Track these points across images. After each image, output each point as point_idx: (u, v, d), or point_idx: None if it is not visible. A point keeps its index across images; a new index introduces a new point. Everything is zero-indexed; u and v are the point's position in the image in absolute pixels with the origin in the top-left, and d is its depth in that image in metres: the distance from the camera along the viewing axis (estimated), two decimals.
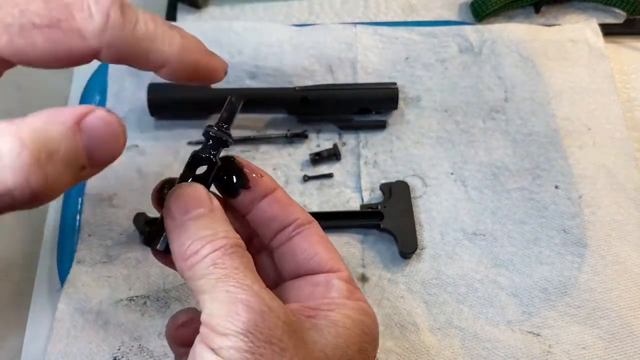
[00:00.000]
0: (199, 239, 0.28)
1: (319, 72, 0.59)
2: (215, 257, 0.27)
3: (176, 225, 0.28)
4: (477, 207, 0.52)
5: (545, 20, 0.64)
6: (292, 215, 0.34)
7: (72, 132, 0.23)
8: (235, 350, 0.25)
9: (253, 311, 0.26)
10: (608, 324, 0.47)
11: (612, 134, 0.56)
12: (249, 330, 0.26)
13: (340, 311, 0.30)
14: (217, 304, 0.26)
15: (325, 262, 0.33)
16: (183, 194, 0.29)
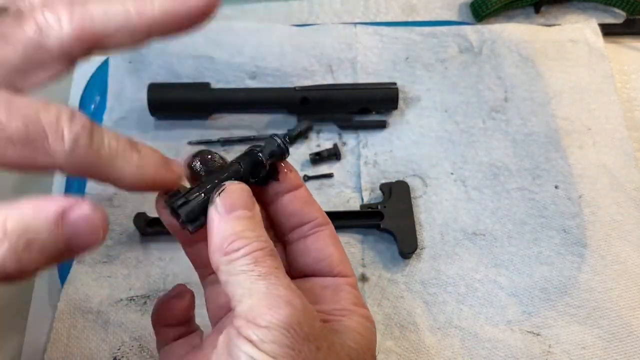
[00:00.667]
0: (243, 237, 0.29)
1: (319, 72, 0.59)
2: (258, 255, 0.28)
3: (221, 218, 0.29)
4: (477, 207, 0.53)
5: (545, 21, 0.64)
6: (311, 214, 0.34)
7: (55, 225, 0.24)
8: (276, 345, 0.26)
9: (294, 308, 0.27)
10: (608, 323, 0.47)
11: (612, 134, 0.56)
12: (292, 325, 0.26)
13: (352, 318, 0.31)
14: (258, 299, 0.27)
15: (336, 265, 0.34)
16: (232, 191, 0.30)
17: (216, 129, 0.57)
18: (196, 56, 0.59)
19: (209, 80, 0.58)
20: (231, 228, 0.29)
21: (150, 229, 0.50)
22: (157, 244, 0.51)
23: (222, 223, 0.29)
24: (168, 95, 0.56)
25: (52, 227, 0.24)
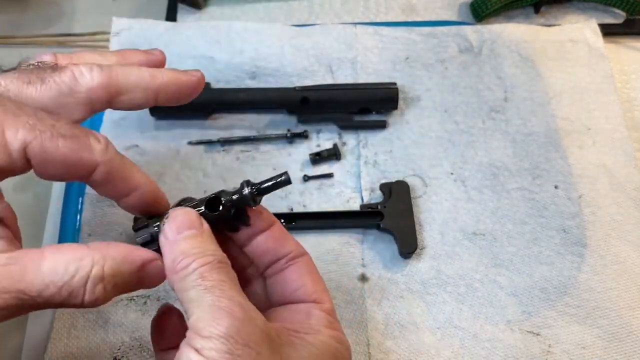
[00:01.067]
0: (190, 255, 0.31)
1: (319, 72, 0.59)
2: (203, 270, 0.31)
3: (169, 243, 0.32)
4: (476, 207, 0.53)
5: (545, 21, 0.64)
6: (286, 249, 0.37)
7: (137, 272, 0.32)
8: (215, 352, 0.28)
9: (234, 318, 0.29)
10: (607, 323, 0.47)
11: (611, 134, 0.56)
12: (230, 334, 0.28)
13: (316, 336, 0.34)
14: (203, 311, 0.29)
15: (310, 293, 0.36)
16: (177, 216, 0.33)
17: (216, 129, 0.57)
18: (196, 56, 0.60)
19: (209, 80, 0.58)
20: (178, 249, 0.32)
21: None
22: None
23: (170, 246, 0.32)
24: None
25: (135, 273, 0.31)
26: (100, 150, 0.32)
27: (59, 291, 0.29)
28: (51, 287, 0.29)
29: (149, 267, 0.32)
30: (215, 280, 0.31)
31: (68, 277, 0.29)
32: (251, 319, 0.30)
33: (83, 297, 0.29)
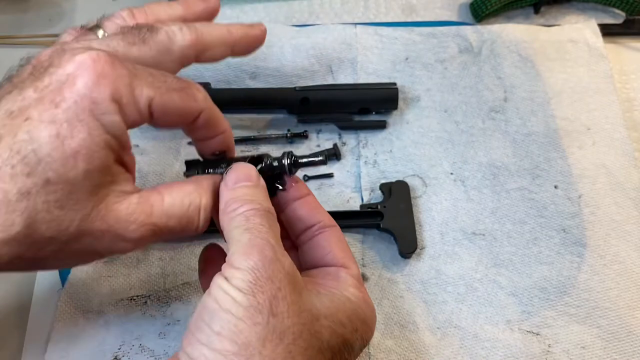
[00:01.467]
0: (239, 200, 0.36)
1: (319, 72, 0.59)
2: (249, 214, 0.35)
3: (227, 189, 0.37)
4: (476, 207, 0.53)
5: (545, 21, 0.64)
6: (317, 217, 0.40)
7: None
8: (242, 281, 0.32)
9: (263, 255, 0.32)
10: (607, 323, 0.47)
11: (611, 134, 0.56)
12: (257, 267, 0.32)
13: (342, 292, 0.36)
14: (238, 247, 0.33)
15: (339, 258, 0.39)
16: (238, 168, 0.37)
17: None
18: None
19: (209, 80, 0.58)
20: (233, 194, 0.36)
21: None
22: (157, 243, 0.51)
23: (227, 191, 0.36)
24: None
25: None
26: (202, 99, 0.36)
27: (180, 221, 0.35)
28: (173, 218, 0.34)
29: None
30: (256, 223, 0.34)
31: (185, 208, 0.35)
32: (279, 260, 0.33)
33: (197, 224, 0.36)
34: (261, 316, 0.31)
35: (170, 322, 0.47)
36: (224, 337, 0.31)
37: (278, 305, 0.32)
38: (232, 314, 0.31)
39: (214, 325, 0.31)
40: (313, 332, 0.33)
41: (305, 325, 0.32)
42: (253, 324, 0.31)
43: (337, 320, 0.35)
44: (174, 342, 0.46)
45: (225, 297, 0.31)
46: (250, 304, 0.31)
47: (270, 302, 0.31)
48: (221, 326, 0.31)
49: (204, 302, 0.32)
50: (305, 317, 0.33)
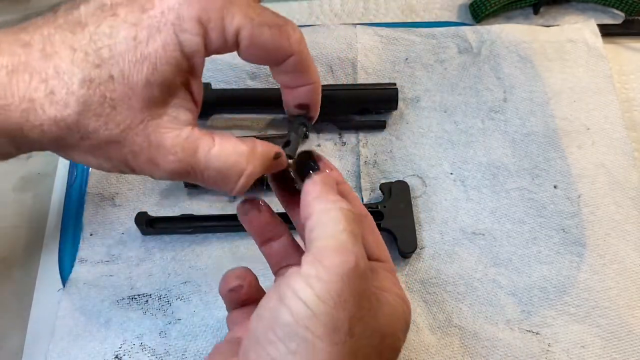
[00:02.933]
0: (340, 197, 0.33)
1: (319, 72, 0.59)
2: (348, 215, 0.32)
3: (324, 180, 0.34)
4: (476, 206, 0.53)
5: (544, 21, 0.64)
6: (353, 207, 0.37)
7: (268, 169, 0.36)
8: (325, 284, 0.29)
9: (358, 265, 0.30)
10: (607, 322, 0.47)
11: (610, 134, 0.56)
12: (349, 278, 0.29)
13: (391, 294, 0.35)
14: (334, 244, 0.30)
15: (374, 250, 0.38)
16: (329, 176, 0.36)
17: (216, 129, 0.57)
18: None
19: (209, 80, 0.58)
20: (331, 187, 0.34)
21: (151, 228, 0.50)
22: (158, 243, 0.51)
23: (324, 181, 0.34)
24: None
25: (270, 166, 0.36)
26: (296, 41, 0.35)
27: (217, 175, 0.34)
28: (211, 170, 0.33)
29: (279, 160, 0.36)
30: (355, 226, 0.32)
31: (227, 167, 0.34)
32: (367, 275, 0.31)
33: (232, 187, 0.34)
34: (338, 336, 0.29)
35: (172, 321, 0.47)
36: (300, 356, 0.28)
37: (356, 326, 0.29)
38: (311, 332, 0.28)
39: (290, 343, 0.28)
40: (378, 352, 0.32)
41: (374, 348, 0.31)
42: (331, 344, 0.28)
43: (396, 336, 0.34)
44: (175, 341, 0.46)
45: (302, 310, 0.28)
46: (329, 319, 0.28)
47: (350, 321, 0.29)
48: (298, 345, 0.28)
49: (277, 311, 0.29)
50: (375, 338, 0.31)
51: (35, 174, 0.56)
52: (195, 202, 0.53)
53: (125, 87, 0.31)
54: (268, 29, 0.33)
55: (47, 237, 0.53)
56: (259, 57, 0.35)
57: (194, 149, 0.33)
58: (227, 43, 0.33)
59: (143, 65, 0.31)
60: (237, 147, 0.34)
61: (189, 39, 0.32)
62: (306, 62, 0.36)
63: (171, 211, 0.53)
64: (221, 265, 0.50)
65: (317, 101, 0.39)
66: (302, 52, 0.35)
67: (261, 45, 0.34)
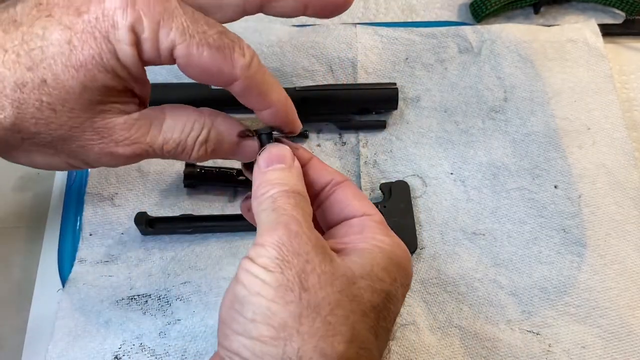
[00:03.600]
0: (269, 184, 0.34)
1: (319, 72, 0.59)
2: (277, 196, 0.33)
3: (259, 172, 0.35)
4: (476, 206, 0.53)
5: (545, 21, 0.64)
6: (327, 177, 0.38)
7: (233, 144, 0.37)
8: (267, 258, 0.30)
9: (289, 230, 0.31)
10: (607, 323, 0.47)
11: (611, 134, 0.56)
12: (282, 242, 0.31)
13: (367, 241, 0.34)
14: (265, 226, 0.32)
15: (359, 208, 0.37)
16: (271, 150, 0.36)
17: None
18: None
19: None
20: (264, 178, 0.35)
21: (151, 228, 0.50)
22: (158, 243, 0.51)
23: (258, 176, 0.35)
24: (168, 95, 0.55)
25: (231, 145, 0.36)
26: (242, 66, 0.33)
27: (176, 147, 0.34)
28: (170, 143, 0.34)
29: (243, 143, 0.37)
30: (282, 202, 0.33)
31: (184, 136, 0.34)
32: (304, 233, 0.31)
33: (190, 154, 0.35)
34: (292, 293, 0.30)
35: (171, 322, 0.47)
36: (258, 322, 0.29)
37: (308, 279, 0.30)
38: (263, 296, 0.29)
39: (247, 312, 0.30)
40: (352, 297, 0.31)
41: (341, 293, 0.31)
42: (285, 303, 0.29)
43: (374, 276, 0.33)
44: (175, 341, 0.46)
45: (253, 281, 0.30)
46: (279, 282, 0.30)
47: (299, 276, 0.30)
48: (254, 312, 0.29)
49: (234, 289, 0.31)
50: (339, 284, 0.31)
51: (34, 174, 0.56)
52: (195, 202, 0.53)
53: (62, 92, 0.31)
54: (208, 49, 0.32)
55: (47, 237, 0.53)
56: (200, 79, 0.34)
57: (147, 126, 0.33)
58: (161, 57, 0.32)
59: (78, 71, 0.30)
60: (189, 115, 0.34)
61: (123, 49, 0.31)
62: (258, 86, 0.34)
63: (171, 211, 0.52)
64: (221, 266, 0.50)
65: (286, 121, 0.37)
66: (251, 77, 0.33)
67: (198, 66, 0.32)
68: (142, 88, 0.34)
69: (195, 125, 0.35)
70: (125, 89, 0.33)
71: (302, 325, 0.29)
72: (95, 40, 0.30)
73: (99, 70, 0.31)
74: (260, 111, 0.36)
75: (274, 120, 0.36)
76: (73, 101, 0.31)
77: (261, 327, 0.29)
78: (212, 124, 0.35)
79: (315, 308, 0.30)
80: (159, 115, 0.34)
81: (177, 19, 0.31)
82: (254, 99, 0.35)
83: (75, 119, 0.31)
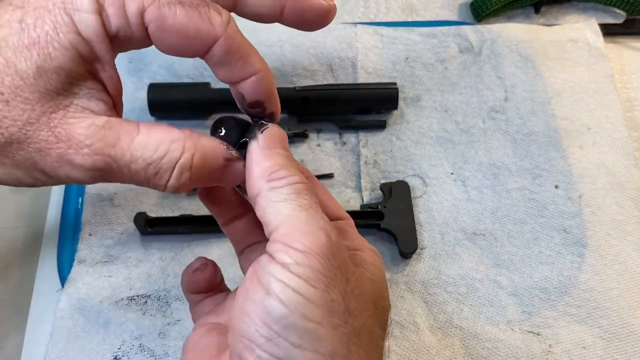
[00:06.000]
0: (286, 169, 0.30)
1: (319, 72, 0.59)
2: (300, 188, 0.29)
3: (264, 151, 0.30)
4: (477, 207, 0.53)
5: (545, 20, 0.64)
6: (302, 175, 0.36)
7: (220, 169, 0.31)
8: (309, 269, 0.26)
9: (331, 239, 0.28)
10: (608, 323, 0.47)
11: (612, 134, 0.56)
12: (327, 254, 0.27)
13: (366, 252, 0.33)
14: (297, 225, 0.27)
15: (334, 211, 0.35)
16: (275, 132, 0.31)
17: None
18: None
19: (209, 80, 0.58)
20: (275, 160, 0.30)
21: (150, 228, 0.50)
22: (157, 243, 0.51)
23: (265, 154, 0.30)
24: (168, 95, 0.56)
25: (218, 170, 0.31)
26: (220, 23, 0.29)
27: (146, 168, 0.28)
28: (140, 162, 0.28)
29: (231, 166, 0.31)
30: (310, 201, 0.29)
31: (157, 156, 0.28)
32: (343, 245, 0.28)
33: (167, 181, 0.29)
34: (338, 317, 0.26)
35: (171, 322, 0.47)
36: (306, 349, 0.26)
37: (350, 301, 0.27)
38: (310, 320, 0.26)
39: (290, 336, 0.26)
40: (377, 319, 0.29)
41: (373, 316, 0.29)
42: (333, 328, 0.26)
43: (383, 296, 0.31)
44: (174, 341, 0.46)
45: (294, 297, 0.26)
46: (324, 302, 0.26)
47: (344, 297, 0.27)
48: (300, 337, 0.26)
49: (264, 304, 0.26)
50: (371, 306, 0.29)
51: None
52: (194, 202, 0.53)
53: (14, 77, 0.27)
54: (182, 8, 0.28)
55: (46, 238, 0.53)
56: (176, 46, 0.29)
57: (114, 138, 0.28)
58: (130, 25, 0.28)
59: (31, 51, 0.27)
60: (168, 134, 0.29)
61: (85, 19, 0.27)
62: (240, 49, 0.30)
63: (170, 212, 0.52)
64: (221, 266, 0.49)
65: (270, 94, 0.32)
66: (232, 36, 0.29)
67: (173, 29, 0.28)
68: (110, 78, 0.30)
69: (173, 145, 0.29)
70: (89, 74, 0.29)
71: (351, 354, 0.26)
72: (50, 13, 0.27)
73: (54, 47, 0.27)
74: (244, 80, 0.31)
75: (259, 92, 0.31)
76: (27, 88, 0.27)
77: (309, 355, 0.26)
78: (196, 147, 0.30)
79: (358, 335, 0.27)
80: (130, 129, 0.29)
81: None
82: (237, 65, 0.30)
83: (30, 112, 0.27)
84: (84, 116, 0.28)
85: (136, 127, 0.29)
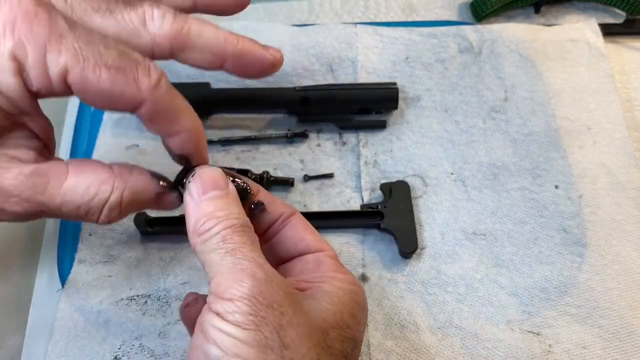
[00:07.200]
0: (213, 217, 0.31)
1: (319, 71, 0.59)
2: (226, 234, 0.30)
3: (194, 202, 0.32)
4: (477, 207, 0.53)
5: (545, 20, 0.64)
6: (278, 210, 0.37)
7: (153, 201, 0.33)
8: (239, 314, 0.28)
9: (257, 279, 0.29)
10: (608, 323, 0.47)
11: (612, 134, 0.56)
12: (253, 295, 0.28)
13: (331, 282, 0.33)
14: (224, 274, 0.29)
15: (312, 244, 0.36)
16: (204, 174, 0.33)
17: (216, 129, 0.57)
18: None
19: (209, 80, 0.58)
20: (202, 210, 0.31)
21: (150, 228, 0.50)
22: (157, 243, 0.51)
23: (195, 206, 0.32)
24: None
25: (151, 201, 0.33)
26: (147, 88, 0.29)
27: (77, 209, 0.30)
28: (70, 205, 0.30)
29: (164, 198, 0.34)
30: (236, 242, 0.30)
31: (87, 198, 0.30)
32: (272, 280, 0.29)
33: (98, 217, 0.31)
34: (273, 352, 0.27)
35: (171, 322, 0.47)
36: None
37: (286, 334, 0.28)
38: (243, 358, 0.27)
39: None
40: (327, 349, 0.30)
41: (318, 346, 0.29)
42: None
43: (344, 324, 0.31)
44: (174, 342, 0.46)
45: (228, 340, 0.27)
46: (257, 341, 0.27)
47: (278, 332, 0.28)
48: None
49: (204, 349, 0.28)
50: (315, 337, 0.29)
51: None
52: None
53: None
54: (106, 71, 0.28)
55: (46, 238, 0.53)
56: (100, 105, 0.30)
57: (43, 185, 0.29)
58: (52, 85, 0.28)
59: None
60: (97, 174, 0.30)
61: (5, 79, 0.27)
62: (167, 110, 0.31)
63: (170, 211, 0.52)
64: None
65: (197, 150, 0.33)
66: (158, 100, 0.30)
67: (97, 92, 0.28)
68: (39, 125, 0.30)
69: (102, 187, 0.30)
70: (15, 125, 0.29)
71: None
72: None
73: None
74: (170, 137, 0.32)
75: (186, 148, 0.33)
76: None
77: None
78: (125, 185, 0.31)
79: None
80: (59, 172, 0.30)
81: (67, 41, 0.28)
82: (164, 125, 0.31)
83: None
84: (11, 166, 0.29)
85: (65, 170, 0.30)
